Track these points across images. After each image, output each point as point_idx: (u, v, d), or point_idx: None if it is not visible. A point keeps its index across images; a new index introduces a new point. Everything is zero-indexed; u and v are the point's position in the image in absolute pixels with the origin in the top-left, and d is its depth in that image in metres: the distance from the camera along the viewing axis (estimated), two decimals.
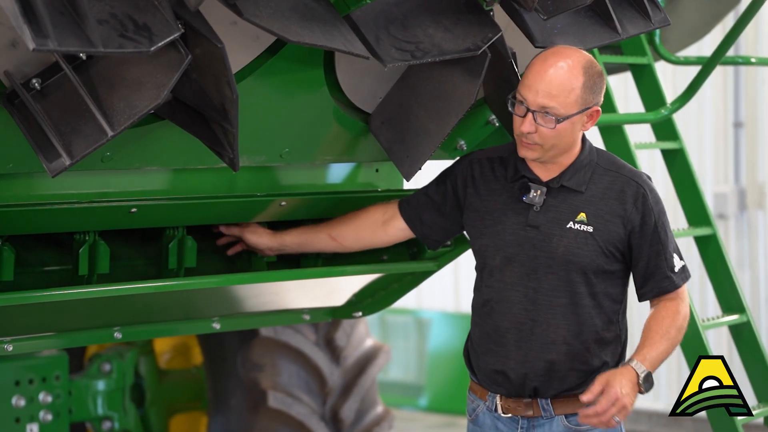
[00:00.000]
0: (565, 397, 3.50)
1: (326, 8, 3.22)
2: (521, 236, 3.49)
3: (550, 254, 3.46)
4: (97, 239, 3.66)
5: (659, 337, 3.45)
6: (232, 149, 3.19)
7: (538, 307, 3.48)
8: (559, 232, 3.46)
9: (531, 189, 3.50)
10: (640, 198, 3.47)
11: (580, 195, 3.48)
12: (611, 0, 3.64)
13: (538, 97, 3.38)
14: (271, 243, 3.91)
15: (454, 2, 3.49)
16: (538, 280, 3.48)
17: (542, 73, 3.39)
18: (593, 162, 3.52)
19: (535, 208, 3.49)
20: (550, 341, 3.48)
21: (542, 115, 3.38)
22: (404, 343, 10.11)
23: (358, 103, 3.77)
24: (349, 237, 3.87)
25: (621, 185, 3.49)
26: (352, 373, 5.63)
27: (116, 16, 2.80)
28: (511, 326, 3.51)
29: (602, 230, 3.45)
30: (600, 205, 3.47)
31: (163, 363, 5.95)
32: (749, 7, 4.56)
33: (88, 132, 2.89)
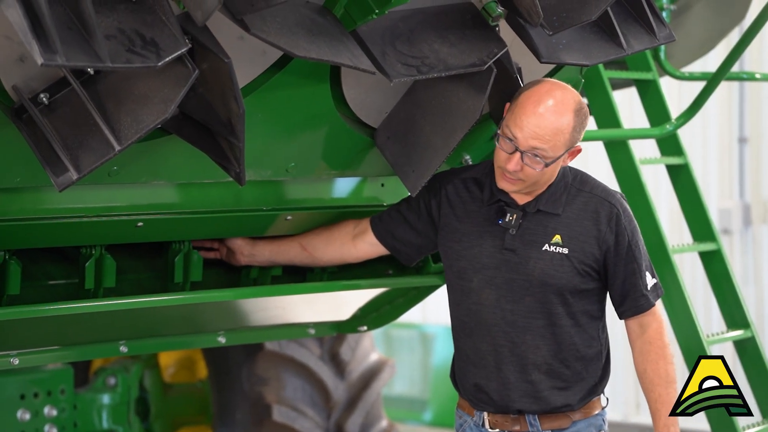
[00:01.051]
0: (552, 413, 3.52)
1: (333, 23, 3.23)
2: (498, 259, 3.52)
3: (527, 277, 3.49)
4: (104, 253, 3.67)
5: (664, 388, 3.51)
6: (238, 163, 3.20)
7: (516, 329, 3.50)
8: (536, 254, 3.49)
9: (507, 213, 3.54)
10: (614, 218, 3.50)
11: (556, 217, 3.51)
12: (616, 16, 3.65)
13: (529, 140, 3.41)
14: (245, 248, 3.91)
15: (459, 18, 3.50)
16: (515, 302, 3.50)
17: (536, 115, 3.41)
18: (567, 183, 3.55)
19: (511, 231, 3.52)
20: (529, 362, 3.50)
21: (530, 156, 3.41)
22: (409, 358, 10.11)
23: (364, 117, 3.78)
24: (319, 248, 3.88)
25: (594, 206, 3.52)
26: (356, 387, 5.63)
27: (124, 31, 2.81)
28: (490, 348, 3.53)
29: (577, 251, 3.49)
30: (574, 226, 3.50)
31: (168, 377, 5.95)
32: (754, 22, 4.57)
33: (95, 146, 2.90)
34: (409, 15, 3.42)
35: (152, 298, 3.75)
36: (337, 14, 3.26)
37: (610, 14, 3.62)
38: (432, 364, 10.04)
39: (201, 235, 3.88)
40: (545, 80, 3.52)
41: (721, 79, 4.79)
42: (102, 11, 2.79)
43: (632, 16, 3.73)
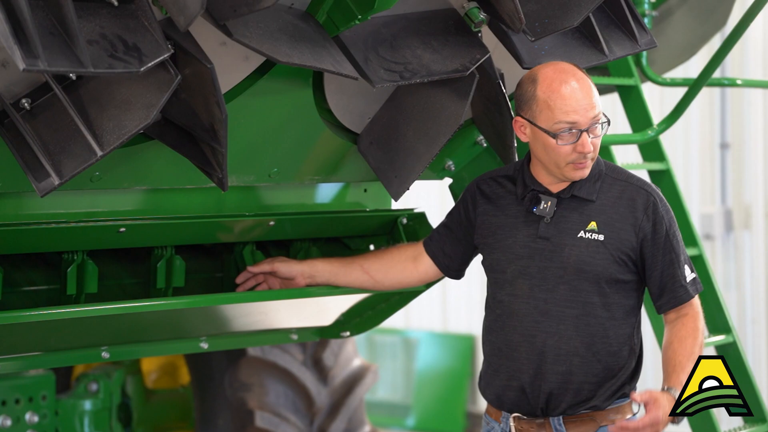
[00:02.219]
0: (578, 417, 3.48)
1: (315, 29, 3.23)
2: (532, 248, 3.48)
3: (562, 264, 3.45)
4: (86, 259, 3.65)
5: (686, 360, 3.43)
6: (221, 169, 3.20)
7: (549, 318, 3.46)
8: (571, 241, 3.45)
9: (541, 200, 3.49)
10: (650, 206, 3.46)
11: (590, 204, 3.47)
12: (598, 22, 3.67)
13: (588, 113, 3.39)
14: (304, 269, 3.89)
15: (442, 23, 3.51)
16: (549, 291, 3.46)
17: (575, 93, 3.39)
18: (602, 172, 3.52)
19: (545, 220, 3.48)
20: (562, 353, 3.45)
21: (593, 128, 3.40)
22: (392, 363, 10.11)
23: (347, 123, 3.78)
24: (381, 271, 3.86)
25: (631, 194, 3.48)
26: (339, 393, 5.63)
27: (106, 36, 2.80)
28: (522, 339, 3.49)
29: (613, 238, 3.44)
30: (610, 213, 3.46)
31: (150, 383, 5.94)
32: (735, 29, 4.59)
33: (78, 152, 2.89)
34: (392, 21, 3.43)
35: (134, 303, 3.73)
36: (320, 20, 3.26)
37: (592, 20, 3.63)
38: (415, 369, 10.04)
39: (183, 241, 3.87)
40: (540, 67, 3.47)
41: (703, 84, 4.80)
42: (84, 16, 2.79)
43: (614, 22, 3.75)
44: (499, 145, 3.82)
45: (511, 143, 3.71)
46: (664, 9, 5.50)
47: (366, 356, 9.80)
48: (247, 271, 3.93)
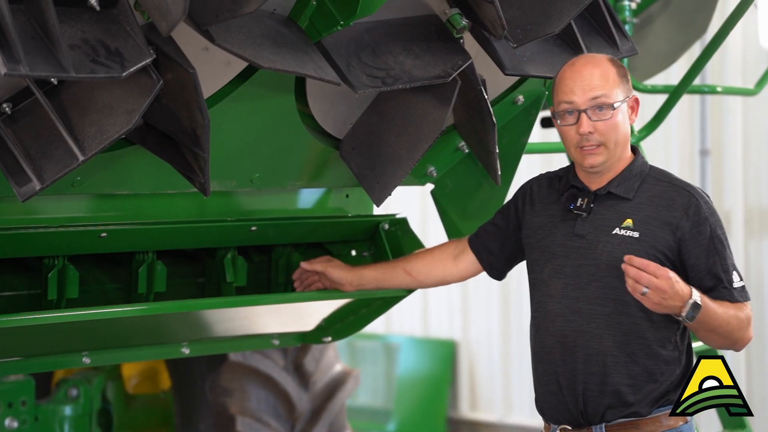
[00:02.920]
0: (621, 426, 3.39)
1: (298, 35, 3.23)
2: (568, 247, 3.43)
3: (595, 261, 3.38)
4: (67, 264, 3.65)
5: (719, 306, 3.31)
6: (203, 174, 3.19)
7: (580, 317, 3.39)
8: (605, 238, 3.39)
9: (578, 198, 3.46)
10: (692, 207, 3.38)
11: (627, 202, 3.41)
12: (580, 29, 3.68)
13: (587, 93, 3.36)
14: (352, 278, 3.94)
15: (424, 30, 3.51)
16: (580, 289, 3.40)
17: (578, 74, 3.39)
18: (644, 173, 3.46)
19: (582, 217, 3.44)
20: (593, 352, 3.38)
21: (594, 110, 3.36)
22: (373, 368, 10.10)
23: (329, 128, 3.78)
24: (423, 271, 3.89)
25: (671, 194, 3.41)
26: (320, 398, 5.62)
27: (88, 41, 2.80)
28: (555, 341, 3.43)
29: (649, 236, 3.36)
30: (647, 211, 3.39)
31: (130, 388, 5.92)
32: (715, 36, 4.61)
33: (59, 157, 2.89)
34: (374, 27, 3.44)
35: (115, 309, 3.72)
36: (303, 25, 3.26)
37: (574, 27, 3.65)
38: (396, 374, 10.04)
39: (165, 246, 3.86)
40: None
41: (684, 92, 4.83)
42: (66, 21, 2.79)
43: (595, 29, 3.77)
44: (480, 151, 3.83)
45: (492, 149, 3.72)
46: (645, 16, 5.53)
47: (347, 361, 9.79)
48: (301, 267, 3.99)
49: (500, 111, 4.00)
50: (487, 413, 9.75)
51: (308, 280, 4.03)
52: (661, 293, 3.22)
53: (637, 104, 3.47)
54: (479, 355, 9.80)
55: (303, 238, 4.15)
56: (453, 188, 4.26)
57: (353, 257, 4.24)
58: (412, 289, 4.04)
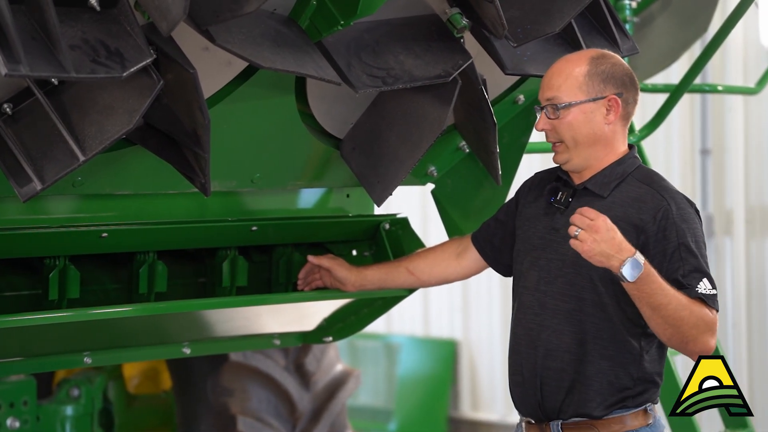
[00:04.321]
0: (577, 425, 3.39)
1: (298, 34, 3.23)
2: (546, 240, 3.44)
3: (563, 256, 3.38)
4: (68, 264, 3.65)
5: (671, 288, 3.22)
6: (203, 174, 3.20)
7: (546, 311, 3.40)
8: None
9: (559, 191, 3.48)
10: (661, 211, 3.34)
11: (601, 200, 3.39)
12: (580, 28, 3.68)
13: (545, 92, 3.40)
14: (355, 278, 3.95)
15: (425, 29, 3.51)
16: (549, 284, 3.41)
17: (548, 72, 3.43)
18: (625, 173, 3.43)
19: (561, 211, 3.44)
20: (554, 347, 3.38)
21: (551, 109, 3.38)
22: (374, 368, 10.10)
23: (330, 128, 3.78)
24: (426, 270, 3.89)
25: (645, 197, 3.38)
26: (321, 398, 5.62)
27: (88, 41, 2.80)
28: (523, 333, 3.45)
29: None
30: (616, 211, 3.35)
31: (132, 388, 5.92)
32: (716, 35, 4.61)
33: (60, 157, 2.89)
34: (375, 26, 3.44)
35: (116, 309, 3.73)
36: (303, 25, 3.27)
37: (574, 27, 3.65)
38: (397, 374, 10.04)
39: (166, 246, 3.86)
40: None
41: (684, 91, 4.83)
42: (66, 21, 2.79)
43: (596, 28, 3.76)
44: (481, 151, 3.83)
45: (493, 149, 3.72)
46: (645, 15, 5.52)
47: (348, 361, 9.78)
48: (309, 261, 4.00)
49: (501, 110, 4.00)
50: (488, 413, 9.75)
51: (312, 276, 4.03)
52: (594, 233, 3.17)
53: (617, 104, 3.42)
54: (480, 355, 9.80)
55: (304, 238, 4.15)
56: (454, 188, 4.26)
57: (354, 257, 4.25)
58: (415, 288, 4.05)
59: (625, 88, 3.45)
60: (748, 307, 8.27)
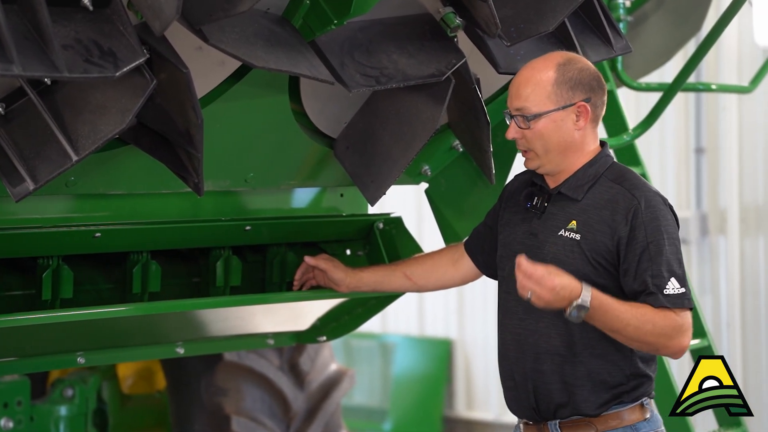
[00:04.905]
0: (574, 422, 3.40)
1: (291, 34, 3.23)
2: (525, 245, 3.44)
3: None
4: (61, 264, 3.64)
5: (628, 309, 3.26)
6: (196, 174, 3.19)
7: (531, 316, 3.41)
8: (552, 239, 3.41)
9: (535, 196, 3.49)
10: (631, 211, 3.34)
11: (575, 203, 3.41)
12: (573, 27, 3.68)
13: (513, 101, 3.40)
14: (350, 280, 3.94)
15: (418, 29, 3.51)
16: None
17: (515, 80, 3.42)
18: (598, 173, 3.44)
19: (537, 216, 3.46)
20: (542, 351, 3.40)
21: (522, 119, 3.38)
22: (368, 368, 10.10)
23: (323, 128, 3.78)
24: (423, 275, 3.89)
25: (618, 197, 3.38)
26: (316, 398, 5.62)
27: (81, 41, 2.80)
28: (511, 338, 3.47)
29: (589, 239, 3.36)
30: (591, 213, 3.38)
31: (126, 388, 5.91)
32: (710, 34, 4.61)
33: (53, 157, 2.88)
34: (368, 26, 3.43)
35: (110, 309, 3.72)
36: (296, 24, 3.26)
37: (567, 26, 3.64)
38: (392, 374, 10.04)
39: (159, 246, 3.86)
40: None
41: (678, 89, 4.82)
42: (59, 21, 2.78)
43: (589, 27, 3.76)
44: (475, 150, 3.83)
45: (487, 148, 3.72)
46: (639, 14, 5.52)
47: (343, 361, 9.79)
48: (305, 262, 3.98)
49: (494, 110, 3.99)
50: (483, 412, 9.75)
51: (306, 276, 4.03)
52: (545, 301, 3.23)
53: (586, 111, 3.40)
54: (475, 354, 9.80)
55: (297, 237, 4.15)
56: (447, 187, 4.26)
57: (348, 256, 4.24)
58: (411, 292, 4.04)
59: (593, 92, 3.42)
60: (742, 306, 8.28)
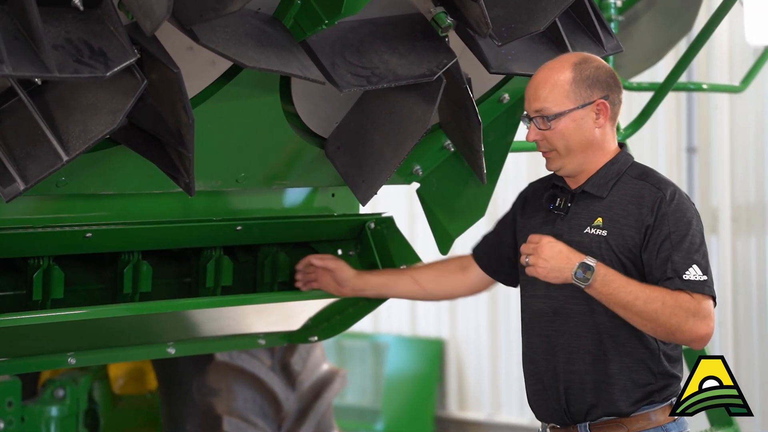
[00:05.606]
0: (605, 423, 3.41)
1: (282, 34, 3.23)
2: None
3: None
4: (52, 264, 3.64)
5: (637, 284, 3.30)
6: (187, 174, 3.19)
7: (561, 316, 3.43)
8: (578, 237, 3.42)
9: (558, 197, 3.50)
10: (656, 203, 3.38)
11: (600, 201, 3.43)
12: (564, 27, 3.68)
13: (532, 104, 3.42)
14: (356, 282, 3.96)
15: (409, 28, 3.51)
16: (560, 289, 3.41)
17: (533, 82, 3.44)
18: (621, 171, 3.46)
19: (561, 217, 3.47)
20: (573, 351, 3.41)
21: (542, 119, 3.40)
22: (361, 368, 10.09)
23: (314, 128, 3.78)
24: (432, 281, 3.90)
25: (643, 192, 3.42)
26: (307, 398, 5.61)
27: (71, 41, 2.80)
28: (540, 341, 3.48)
29: (616, 234, 3.38)
30: (617, 209, 3.41)
31: (117, 388, 5.91)
32: (701, 33, 4.62)
33: (43, 157, 2.88)
34: (359, 26, 3.43)
35: (101, 309, 3.72)
36: (287, 25, 3.26)
37: (558, 25, 3.65)
38: (384, 374, 10.04)
39: (150, 246, 3.85)
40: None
41: (669, 89, 4.84)
42: (49, 21, 2.78)
43: (580, 27, 3.77)
44: (466, 150, 3.83)
45: (478, 147, 3.72)
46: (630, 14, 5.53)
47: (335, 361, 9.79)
48: (310, 260, 3.98)
49: (485, 109, 4.00)
50: (475, 412, 9.75)
51: (308, 276, 4.01)
52: (540, 253, 3.30)
53: (606, 108, 3.44)
54: (467, 354, 9.81)
55: (289, 237, 4.14)
56: (439, 187, 4.26)
57: (339, 256, 4.24)
58: (419, 299, 4.01)
59: (610, 89, 3.46)
60: (734, 305, 8.29)
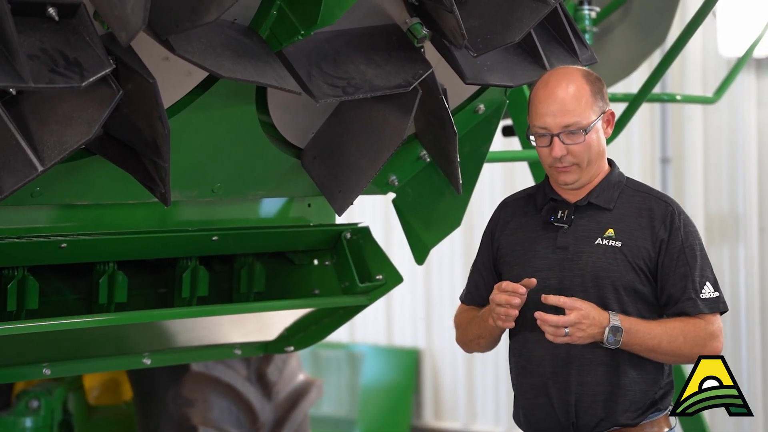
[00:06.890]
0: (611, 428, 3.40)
1: (258, 44, 3.23)
2: (551, 259, 3.42)
3: (580, 272, 3.37)
4: (26, 275, 3.62)
5: (657, 325, 3.34)
6: (163, 184, 3.18)
7: None
8: (588, 249, 3.39)
9: (559, 210, 3.45)
10: (668, 217, 3.39)
11: (607, 213, 3.42)
12: (539, 38, 3.70)
13: (558, 119, 3.35)
14: None
15: (385, 39, 3.52)
16: None
17: (551, 96, 3.36)
18: (621, 183, 3.47)
19: (563, 229, 3.43)
20: (586, 362, 3.38)
21: (567, 134, 3.35)
22: (336, 378, 10.09)
23: (290, 138, 3.78)
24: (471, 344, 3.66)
25: (650, 204, 3.42)
26: (283, 408, 5.61)
27: (47, 51, 2.79)
28: (546, 353, 3.41)
29: (631, 246, 3.38)
30: (628, 221, 3.40)
31: (92, 399, 5.88)
32: (675, 44, 4.64)
33: (18, 167, 2.87)
34: (335, 36, 3.44)
35: (76, 320, 3.70)
36: (263, 35, 3.27)
37: (533, 36, 3.66)
38: (360, 384, 10.04)
39: (126, 256, 3.85)
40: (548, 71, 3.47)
41: (643, 100, 4.85)
42: (24, 31, 2.77)
43: (555, 38, 3.79)
44: (442, 160, 3.84)
45: (454, 158, 3.73)
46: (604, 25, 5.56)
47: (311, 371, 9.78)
48: None
49: (461, 120, 4.01)
50: (451, 421, 9.76)
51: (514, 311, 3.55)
52: (579, 326, 3.27)
53: (613, 117, 3.45)
54: (443, 364, 9.81)
55: (265, 247, 4.14)
56: (414, 197, 4.26)
57: (315, 266, 4.24)
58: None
59: (607, 96, 3.47)
60: None
